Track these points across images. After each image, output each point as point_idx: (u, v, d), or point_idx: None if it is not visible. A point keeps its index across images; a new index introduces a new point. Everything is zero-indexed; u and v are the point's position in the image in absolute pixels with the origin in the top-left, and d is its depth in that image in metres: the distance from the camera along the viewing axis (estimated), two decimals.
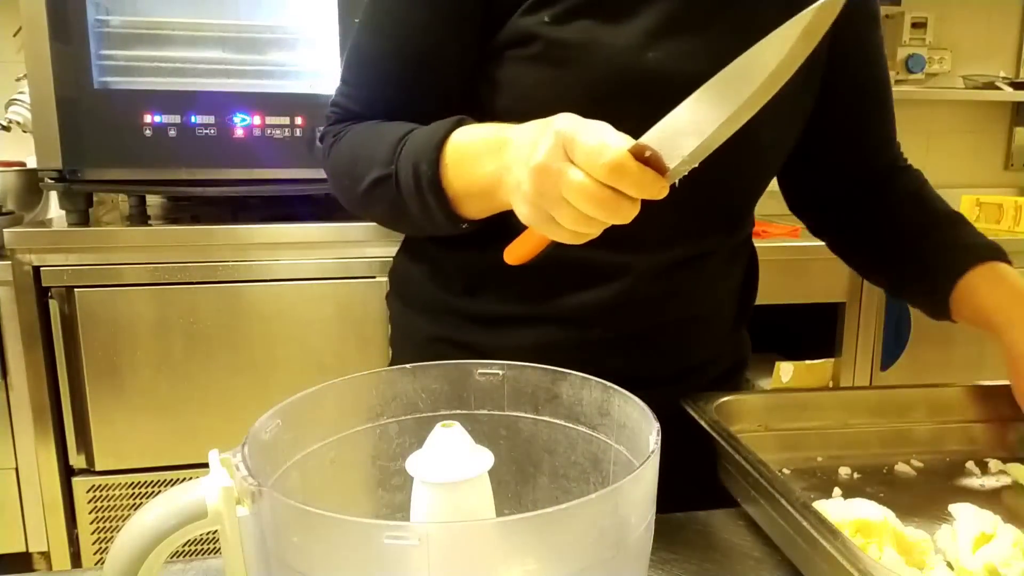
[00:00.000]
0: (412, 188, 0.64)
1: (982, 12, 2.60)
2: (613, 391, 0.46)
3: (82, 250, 1.56)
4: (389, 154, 0.65)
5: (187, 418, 1.63)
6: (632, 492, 0.36)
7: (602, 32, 0.66)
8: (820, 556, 0.51)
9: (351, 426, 0.48)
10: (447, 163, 0.62)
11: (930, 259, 0.80)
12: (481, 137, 0.61)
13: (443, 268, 0.78)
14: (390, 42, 0.71)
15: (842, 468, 0.70)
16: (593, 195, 0.48)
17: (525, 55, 0.67)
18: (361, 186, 0.68)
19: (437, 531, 0.34)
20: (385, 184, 0.66)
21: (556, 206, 0.50)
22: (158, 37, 1.64)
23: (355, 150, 0.71)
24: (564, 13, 0.66)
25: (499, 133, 0.59)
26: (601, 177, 0.47)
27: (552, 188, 0.50)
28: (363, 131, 0.71)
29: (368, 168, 0.67)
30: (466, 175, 0.61)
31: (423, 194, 0.63)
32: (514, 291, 0.73)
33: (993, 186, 2.67)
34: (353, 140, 0.71)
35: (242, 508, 0.36)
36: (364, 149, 0.69)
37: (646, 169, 0.48)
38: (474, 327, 0.76)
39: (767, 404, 0.75)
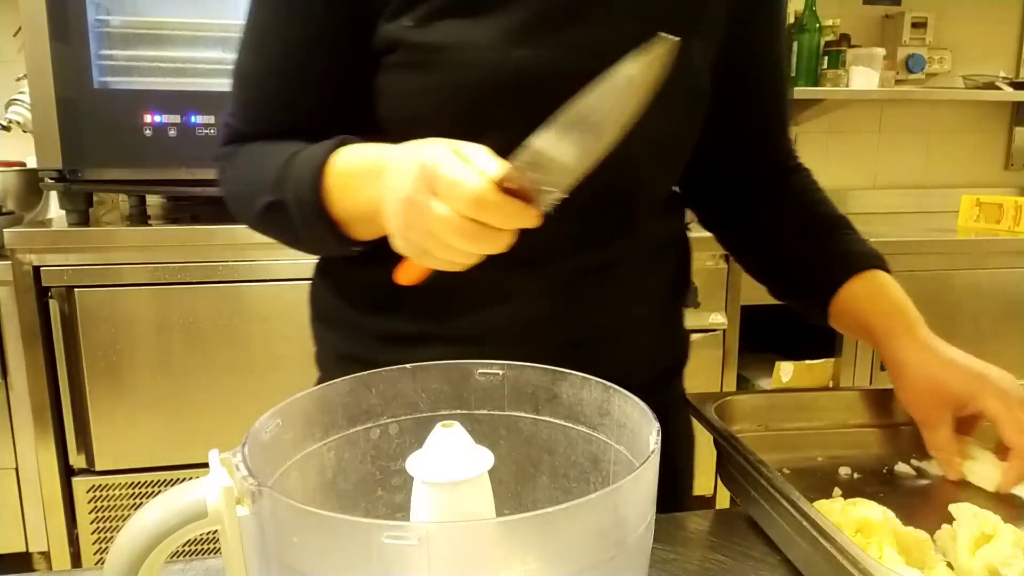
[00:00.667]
0: (299, 214, 0.63)
1: (982, 12, 2.60)
2: (613, 391, 0.46)
3: (82, 250, 1.56)
4: (276, 179, 0.64)
5: (187, 418, 1.63)
6: (632, 492, 0.36)
7: (466, 32, 0.63)
8: (820, 556, 0.51)
9: (351, 426, 0.48)
10: (329, 188, 0.61)
11: (812, 266, 0.79)
12: (360, 162, 0.60)
13: (352, 286, 0.76)
14: (267, 58, 0.69)
15: (842, 468, 0.70)
16: (458, 228, 0.47)
17: (394, 62, 0.66)
18: (253, 211, 0.67)
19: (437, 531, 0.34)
20: (276, 210, 0.65)
21: (425, 239, 0.50)
22: (158, 37, 1.64)
23: (243, 174, 0.70)
24: (426, 16, 0.63)
25: (376, 159, 0.58)
26: (463, 211, 0.46)
27: (418, 221, 0.49)
28: (251, 153, 0.70)
29: (258, 193, 0.66)
30: (348, 200, 0.60)
31: (310, 220, 0.62)
32: (421, 310, 0.71)
33: (993, 186, 2.67)
34: (240, 163, 0.70)
35: (242, 508, 0.36)
36: (252, 173, 0.68)
37: (511, 200, 0.46)
38: (383, 346, 0.73)
39: (767, 404, 0.75)
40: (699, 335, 1.89)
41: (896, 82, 2.45)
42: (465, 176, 0.46)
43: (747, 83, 0.79)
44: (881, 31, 2.54)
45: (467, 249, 0.49)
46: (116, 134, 1.61)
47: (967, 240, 2.11)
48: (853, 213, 2.50)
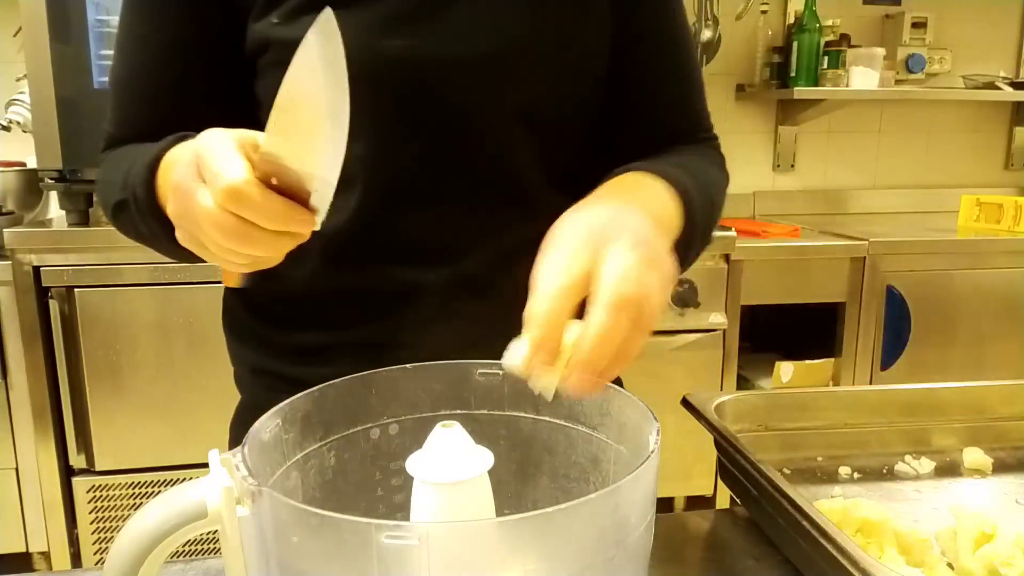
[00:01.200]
0: (137, 213, 0.61)
1: (982, 12, 2.60)
2: (613, 391, 0.46)
3: (82, 250, 1.56)
4: (123, 178, 0.63)
5: (187, 418, 1.63)
6: (632, 492, 0.36)
7: None
8: (820, 556, 0.51)
9: (351, 426, 0.48)
10: (159, 185, 0.59)
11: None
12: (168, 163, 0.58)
13: (255, 298, 0.75)
14: (132, 63, 0.68)
15: (842, 468, 0.70)
16: (219, 222, 0.43)
17: (267, 62, 0.64)
18: (110, 211, 0.66)
19: (437, 531, 0.34)
20: (124, 209, 0.63)
21: (195, 230, 0.46)
22: None
23: (103, 175, 0.69)
24: (292, 11, 0.62)
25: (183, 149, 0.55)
26: (220, 203, 0.42)
27: (188, 210, 0.46)
28: (112, 157, 0.69)
29: (110, 194, 0.65)
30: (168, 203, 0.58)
31: (145, 218, 0.60)
32: (325, 320, 0.70)
33: (993, 186, 2.67)
34: (104, 167, 0.70)
35: (242, 508, 0.36)
36: (108, 175, 0.67)
37: (273, 197, 0.42)
38: (293, 358, 0.72)
39: (767, 404, 0.75)
40: (699, 335, 1.89)
41: (896, 82, 2.45)
42: (227, 167, 0.42)
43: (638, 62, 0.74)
44: (881, 31, 2.54)
45: (231, 247, 0.44)
46: None
47: (967, 240, 2.11)
48: (853, 213, 2.51)
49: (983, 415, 0.77)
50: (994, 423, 0.76)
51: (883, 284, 1.99)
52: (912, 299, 2.01)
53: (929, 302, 2.02)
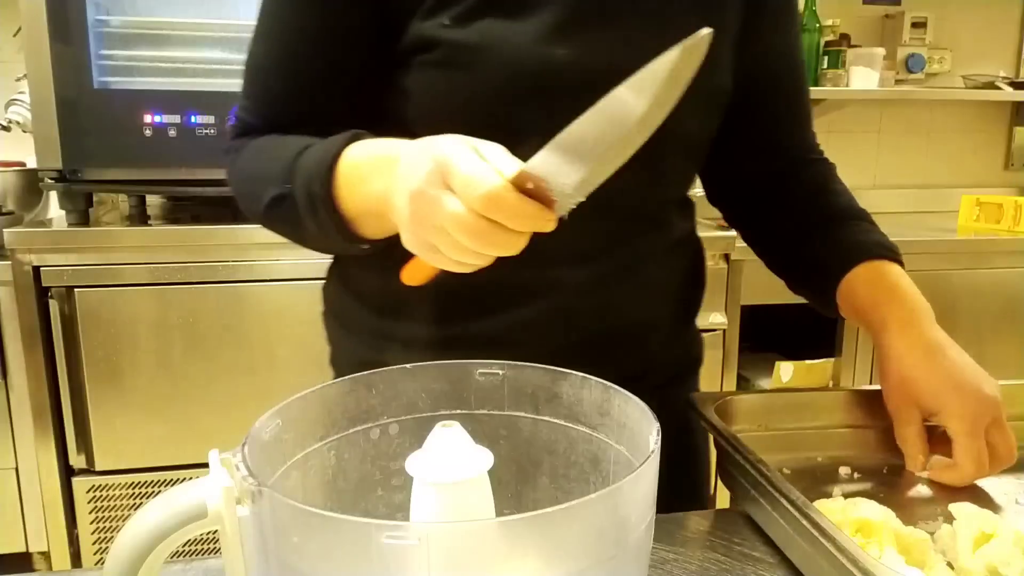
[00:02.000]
0: (307, 208, 0.61)
1: (982, 12, 2.60)
2: (613, 391, 0.46)
3: (82, 250, 1.56)
4: (284, 172, 0.63)
5: (187, 418, 1.63)
6: (632, 492, 0.36)
7: (505, 30, 0.63)
8: (820, 556, 0.51)
9: (351, 426, 0.48)
10: (339, 182, 0.59)
11: (821, 256, 0.78)
12: (372, 154, 0.58)
13: (368, 290, 0.76)
14: (280, 51, 0.68)
15: (842, 468, 0.70)
16: (470, 226, 0.45)
17: (430, 61, 0.65)
18: (261, 205, 0.66)
19: (437, 531, 0.34)
20: (283, 203, 0.63)
21: (435, 235, 0.48)
22: (158, 37, 1.64)
23: (252, 167, 0.68)
24: (464, 14, 0.63)
25: (390, 151, 0.56)
26: (476, 208, 0.45)
27: (429, 216, 0.47)
28: (259, 147, 0.68)
29: (265, 186, 0.65)
30: (358, 195, 0.59)
31: (318, 214, 0.60)
32: (439, 313, 0.70)
33: (993, 186, 2.67)
34: (250, 156, 0.69)
35: (242, 508, 0.36)
36: (261, 166, 0.67)
37: (527, 201, 0.44)
38: (403, 351, 0.72)
39: (767, 404, 0.75)
40: None
41: (896, 82, 2.45)
42: (481, 172, 0.45)
43: (760, 78, 0.79)
44: (881, 31, 2.54)
45: (477, 249, 0.47)
46: (116, 134, 1.61)
47: (967, 240, 2.11)
48: None
49: None
50: None
51: None
52: None
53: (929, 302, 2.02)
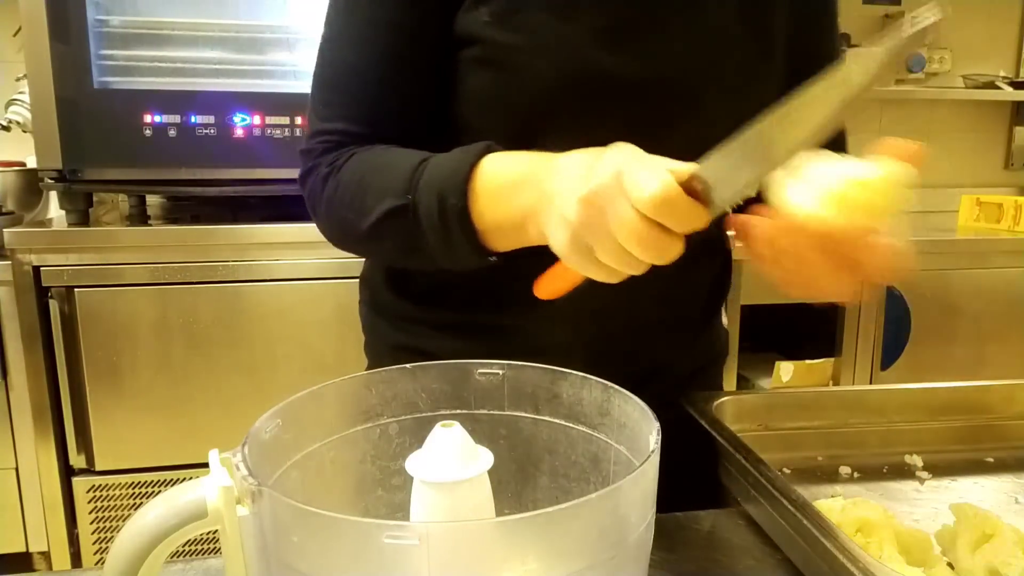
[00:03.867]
0: (435, 220, 0.59)
1: (982, 12, 2.60)
2: (613, 391, 0.46)
3: (82, 250, 1.56)
4: (405, 183, 0.60)
5: (187, 418, 1.63)
6: (632, 492, 0.36)
7: (545, 32, 0.63)
8: (820, 555, 0.51)
9: (351, 426, 0.48)
10: (478, 194, 0.57)
11: None
12: (520, 166, 0.57)
13: (404, 274, 0.76)
14: (376, 51, 0.67)
15: (842, 468, 0.70)
16: (639, 232, 0.46)
17: (471, 57, 0.64)
18: (369, 219, 0.63)
19: (437, 531, 0.34)
20: (400, 216, 0.61)
21: (600, 240, 0.48)
22: (158, 37, 1.64)
23: (363, 180, 0.65)
24: (506, 11, 0.62)
25: (544, 162, 0.54)
26: (649, 211, 0.45)
27: (598, 221, 0.47)
28: (370, 159, 0.66)
29: (378, 199, 0.62)
30: (501, 207, 0.57)
31: (448, 227, 0.59)
32: (474, 300, 0.71)
33: (993, 186, 2.67)
34: (359, 169, 0.65)
35: (242, 508, 0.36)
36: (373, 179, 0.64)
37: (694, 203, 0.46)
38: (434, 334, 0.74)
39: (767, 404, 0.75)
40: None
41: (896, 82, 2.45)
42: (654, 176, 0.45)
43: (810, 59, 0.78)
44: (881, 31, 2.54)
45: (639, 255, 0.47)
46: (116, 134, 1.61)
47: (967, 240, 2.11)
48: None
49: (983, 415, 0.77)
50: (994, 423, 0.76)
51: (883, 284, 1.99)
52: (912, 299, 2.01)
53: (929, 302, 2.02)
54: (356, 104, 0.68)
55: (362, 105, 0.68)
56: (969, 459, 0.73)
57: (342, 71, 0.68)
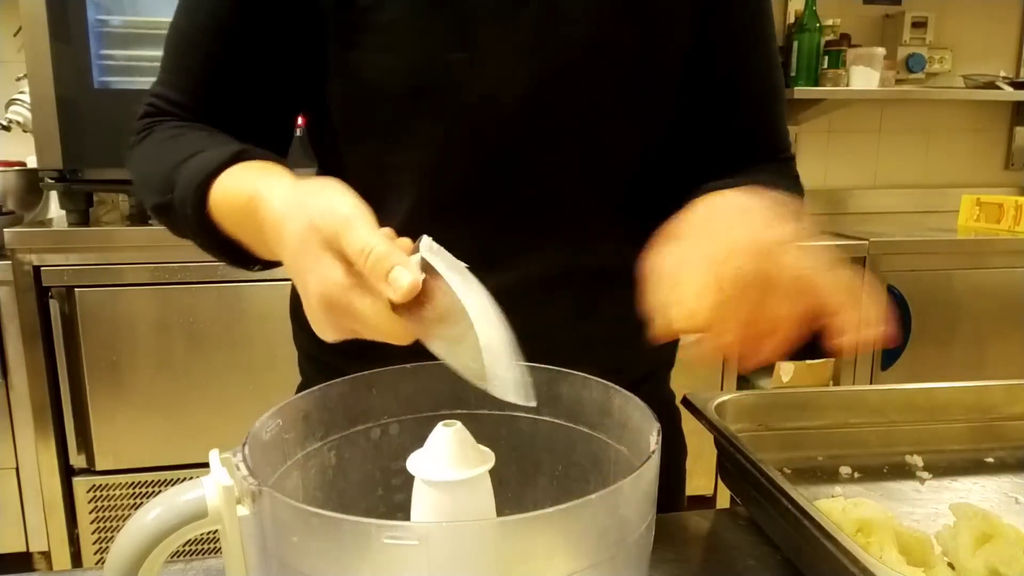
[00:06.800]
0: (186, 225, 0.58)
1: (982, 12, 2.60)
2: (613, 391, 0.46)
3: (82, 250, 1.56)
4: (166, 181, 0.59)
5: (187, 418, 1.63)
6: (632, 492, 0.36)
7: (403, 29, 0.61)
8: (821, 556, 0.50)
9: (351, 426, 0.48)
10: (212, 209, 0.56)
11: None
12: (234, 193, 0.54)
13: None
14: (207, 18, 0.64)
15: (842, 468, 0.70)
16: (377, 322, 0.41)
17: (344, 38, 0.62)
18: (147, 205, 0.64)
19: (437, 531, 0.34)
20: (165, 212, 0.61)
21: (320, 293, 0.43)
22: (158, 37, 1.64)
23: (142, 165, 0.65)
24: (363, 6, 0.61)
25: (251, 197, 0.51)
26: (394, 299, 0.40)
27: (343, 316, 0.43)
28: (156, 141, 0.65)
29: (149, 191, 0.62)
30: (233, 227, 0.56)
31: (198, 234, 0.58)
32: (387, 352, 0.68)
33: (993, 186, 2.67)
34: (145, 151, 0.65)
35: (242, 508, 0.36)
36: (148, 166, 0.64)
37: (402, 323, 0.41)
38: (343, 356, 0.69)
39: (767, 404, 0.75)
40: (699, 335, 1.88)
41: (896, 82, 2.45)
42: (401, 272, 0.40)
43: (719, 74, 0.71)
44: (881, 31, 2.54)
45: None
46: (116, 134, 1.59)
47: (967, 240, 2.11)
48: (853, 213, 2.51)
49: (983, 415, 0.77)
50: (994, 423, 0.76)
51: (883, 284, 1.99)
52: (912, 299, 2.01)
53: (929, 302, 2.02)
54: (182, 73, 0.66)
55: (187, 75, 0.66)
56: (969, 459, 0.73)
57: (174, 37, 0.66)
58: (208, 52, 0.65)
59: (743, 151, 0.73)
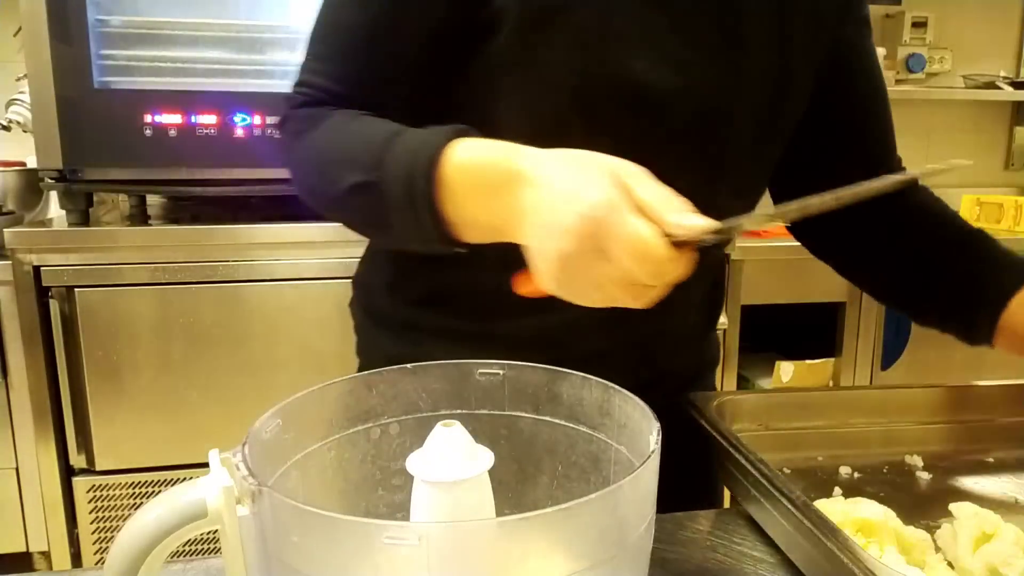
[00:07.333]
0: (402, 202, 0.54)
1: (982, 12, 2.60)
2: (613, 391, 0.46)
3: (82, 250, 1.56)
4: (373, 157, 0.56)
5: (187, 418, 1.63)
6: (632, 492, 0.36)
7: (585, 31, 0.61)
8: (821, 555, 0.51)
9: (351, 426, 0.48)
10: (447, 183, 0.53)
11: (965, 281, 0.72)
12: (495, 163, 0.52)
13: (405, 277, 0.74)
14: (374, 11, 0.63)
15: (842, 467, 0.70)
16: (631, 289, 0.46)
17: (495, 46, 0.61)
18: (335, 189, 0.59)
19: (437, 531, 0.34)
20: (366, 192, 0.57)
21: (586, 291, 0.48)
22: (158, 37, 1.64)
23: (330, 146, 0.61)
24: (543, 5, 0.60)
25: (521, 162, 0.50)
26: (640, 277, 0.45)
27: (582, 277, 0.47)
28: (341, 123, 0.62)
29: (346, 170, 0.58)
30: (472, 205, 0.53)
31: (416, 211, 0.54)
32: (473, 309, 0.69)
33: (993, 186, 2.67)
34: (328, 134, 0.62)
35: (242, 508, 0.36)
36: (342, 146, 0.61)
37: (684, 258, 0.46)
38: (434, 342, 0.71)
39: (767, 404, 0.75)
40: None
41: (896, 82, 2.45)
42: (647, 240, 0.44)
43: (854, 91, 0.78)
44: (881, 31, 2.54)
45: (621, 303, 0.47)
46: (116, 134, 1.61)
47: None
48: None
49: (983, 415, 0.77)
50: (994, 423, 0.76)
51: None
52: None
53: None
54: (342, 62, 0.64)
55: (347, 64, 0.64)
56: (969, 459, 0.73)
57: (331, 21, 0.64)
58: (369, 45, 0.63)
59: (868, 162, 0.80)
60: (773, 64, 0.68)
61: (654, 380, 0.74)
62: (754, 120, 0.69)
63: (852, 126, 0.79)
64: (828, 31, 0.72)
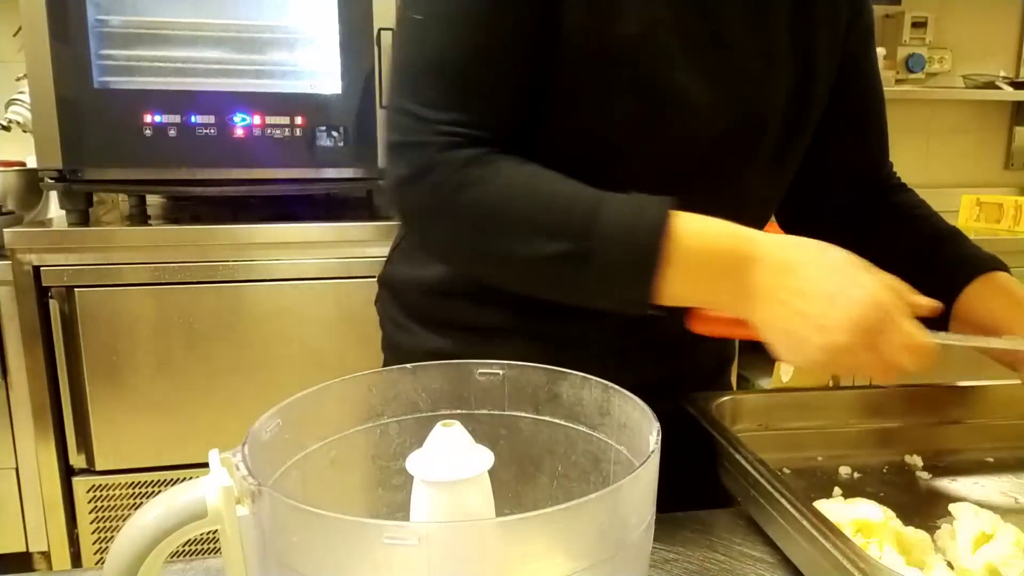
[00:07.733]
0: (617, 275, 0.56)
1: (982, 12, 2.60)
2: (613, 391, 0.46)
3: (82, 250, 1.56)
4: (580, 226, 0.56)
5: (187, 418, 1.63)
6: (632, 492, 0.36)
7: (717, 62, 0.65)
8: (821, 555, 0.51)
9: (351, 426, 0.48)
10: (672, 260, 0.54)
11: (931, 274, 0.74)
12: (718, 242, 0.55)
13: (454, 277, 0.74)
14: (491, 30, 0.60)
15: (842, 468, 0.70)
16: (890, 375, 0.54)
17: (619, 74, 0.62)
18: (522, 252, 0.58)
19: (437, 531, 0.34)
20: (570, 260, 0.56)
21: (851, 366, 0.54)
22: (158, 37, 1.64)
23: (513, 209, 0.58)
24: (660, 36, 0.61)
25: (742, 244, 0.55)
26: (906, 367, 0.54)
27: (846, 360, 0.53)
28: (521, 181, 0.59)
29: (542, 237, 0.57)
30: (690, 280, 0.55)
31: (637, 284, 0.55)
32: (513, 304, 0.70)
33: (993, 186, 2.67)
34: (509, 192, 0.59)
35: (242, 508, 0.36)
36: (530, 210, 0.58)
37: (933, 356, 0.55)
38: (470, 337, 0.73)
39: (767, 404, 0.75)
40: None
41: (896, 82, 2.45)
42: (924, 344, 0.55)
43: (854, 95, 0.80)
44: (881, 31, 2.54)
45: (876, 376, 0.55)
46: (116, 134, 1.61)
47: None
48: None
49: (983, 415, 0.77)
50: (994, 423, 0.76)
51: None
52: None
53: None
54: (466, 93, 0.60)
55: (471, 95, 0.60)
56: (969, 459, 0.73)
57: (453, 53, 0.60)
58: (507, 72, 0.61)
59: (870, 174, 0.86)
60: (800, 74, 0.70)
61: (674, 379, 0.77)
62: (785, 130, 0.71)
63: (852, 128, 0.82)
64: (840, 39, 0.74)
